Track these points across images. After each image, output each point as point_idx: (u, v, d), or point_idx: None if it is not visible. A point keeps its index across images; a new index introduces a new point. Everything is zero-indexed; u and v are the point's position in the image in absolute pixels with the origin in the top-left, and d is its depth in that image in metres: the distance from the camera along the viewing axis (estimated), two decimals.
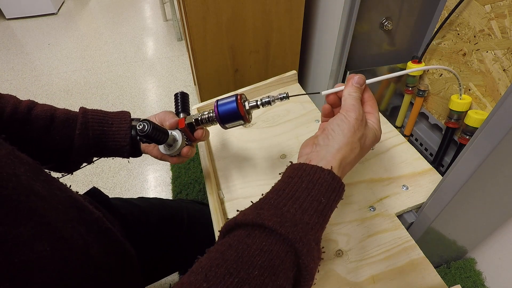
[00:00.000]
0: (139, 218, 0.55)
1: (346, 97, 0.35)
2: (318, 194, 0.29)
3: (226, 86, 1.01)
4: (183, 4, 0.80)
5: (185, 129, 0.44)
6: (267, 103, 0.40)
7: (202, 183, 1.12)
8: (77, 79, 1.79)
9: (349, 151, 0.32)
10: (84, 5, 2.73)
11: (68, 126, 0.44)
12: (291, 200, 0.28)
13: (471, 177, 0.43)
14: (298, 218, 0.27)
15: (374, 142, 0.36)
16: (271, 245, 0.25)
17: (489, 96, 0.67)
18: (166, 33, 2.24)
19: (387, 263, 0.41)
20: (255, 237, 0.26)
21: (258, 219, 0.26)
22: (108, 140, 0.46)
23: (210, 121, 0.43)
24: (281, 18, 0.90)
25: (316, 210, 0.28)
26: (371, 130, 0.35)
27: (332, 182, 0.30)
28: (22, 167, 0.28)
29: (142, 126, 0.39)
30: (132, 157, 0.49)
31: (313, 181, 0.29)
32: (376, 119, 0.36)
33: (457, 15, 0.70)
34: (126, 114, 0.49)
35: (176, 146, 0.44)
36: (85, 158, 0.47)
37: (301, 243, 0.26)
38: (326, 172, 0.30)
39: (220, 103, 0.40)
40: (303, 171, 0.30)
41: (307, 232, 0.27)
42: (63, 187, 0.33)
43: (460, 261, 0.82)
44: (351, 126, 0.33)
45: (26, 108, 0.42)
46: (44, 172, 0.31)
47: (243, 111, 0.39)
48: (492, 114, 0.37)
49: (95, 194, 0.50)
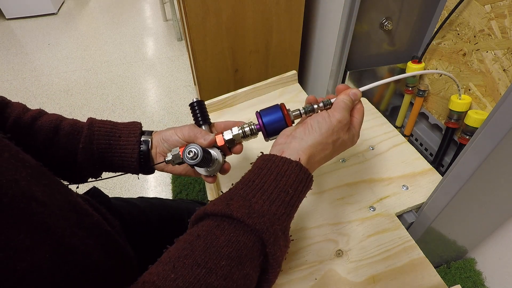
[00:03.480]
0: (139, 218, 0.55)
1: (339, 101, 0.36)
2: (285, 186, 0.30)
3: (226, 86, 1.01)
4: (183, 4, 0.80)
5: (223, 147, 0.40)
6: (310, 111, 0.38)
7: (202, 183, 1.12)
8: (77, 79, 1.79)
9: (320, 150, 0.34)
10: (84, 5, 2.73)
11: (73, 139, 0.41)
12: (259, 191, 0.29)
13: (471, 177, 0.43)
14: (265, 209, 0.28)
15: (347, 147, 0.37)
16: (239, 236, 0.26)
17: (489, 96, 0.67)
18: (166, 33, 2.24)
19: (387, 263, 0.41)
20: (223, 228, 0.27)
21: (227, 210, 0.27)
22: (114, 155, 0.42)
23: (253, 133, 0.39)
24: (281, 18, 0.90)
25: (283, 201, 0.29)
26: (350, 136, 0.36)
27: (300, 173, 0.31)
28: (23, 170, 0.27)
29: (192, 154, 0.34)
30: (142, 174, 0.45)
31: (281, 173, 0.30)
32: (358, 124, 0.37)
33: (457, 15, 0.70)
34: (136, 126, 0.44)
35: (217, 166, 0.39)
36: (90, 173, 0.43)
37: (268, 233, 0.27)
38: (294, 164, 0.31)
39: (263, 113, 0.38)
40: (272, 163, 0.31)
41: (274, 222, 0.28)
42: (63, 190, 0.32)
43: (460, 261, 0.82)
44: (330, 126, 0.34)
45: (30, 118, 0.40)
46: (46, 175, 0.31)
47: (289, 121, 0.37)
48: (492, 114, 0.37)
49: (96, 194, 0.49)
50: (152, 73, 1.84)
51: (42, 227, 0.26)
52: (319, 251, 0.43)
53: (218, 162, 0.39)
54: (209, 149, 0.39)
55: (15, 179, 0.26)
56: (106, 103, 1.60)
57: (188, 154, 0.35)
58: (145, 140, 0.43)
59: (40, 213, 0.26)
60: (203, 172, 0.40)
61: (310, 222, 0.46)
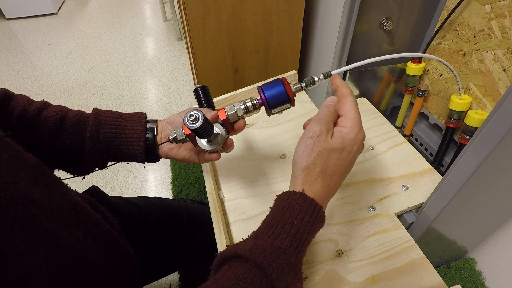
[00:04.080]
0: (138, 217, 0.55)
1: (315, 115, 0.35)
2: (290, 217, 0.29)
3: (226, 86, 1.01)
4: (183, 4, 0.80)
5: (226, 121, 0.40)
6: (311, 83, 0.38)
7: (202, 183, 1.12)
8: (77, 79, 1.79)
9: (307, 174, 0.31)
10: (84, 5, 2.72)
11: (79, 128, 0.42)
12: (267, 227, 0.30)
13: (471, 177, 0.43)
14: (268, 243, 0.28)
15: (348, 149, 0.32)
16: (246, 273, 0.27)
17: (489, 96, 0.67)
18: (166, 33, 2.23)
19: (387, 263, 0.41)
20: (234, 267, 0.27)
21: (234, 249, 0.28)
22: (120, 144, 0.43)
23: (255, 108, 0.39)
24: (281, 18, 0.90)
25: (288, 233, 0.29)
26: (336, 141, 0.32)
27: (304, 203, 0.30)
28: (22, 171, 0.27)
29: (193, 117, 0.34)
30: (148, 162, 0.46)
31: (285, 206, 0.30)
32: (351, 122, 0.32)
33: (457, 15, 0.70)
34: (142, 115, 0.45)
35: (220, 140, 0.40)
36: (97, 163, 0.44)
37: (271, 268, 0.26)
38: (298, 195, 0.30)
39: (265, 87, 0.38)
40: (278, 199, 0.32)
41: (278, 256, 0.27)
42: (62, 190, 0.32)
43: (460, 261, 0.81)
44: (306, 149, 0.32)
45: (36, 110, 0.40)
46: (46, 174, 0.31)
47: (291, 93, 0.37)
48: (492, 114, 0.37)
49: (95, 193, 0.49)
50: (152, 73, 1.84)
51: (39, 230, 0.26)
52: (319, 251, 0.43)
53: (220, 136, 0.40)
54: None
55: (13, 180, 0.26)
56: (106, 103, 1.60)
57: (189, 118, 0.34)
58: (150, 127, 0.44)
59: (36, 215, 0.26)
60: (206, 147, 0.40)
61: None
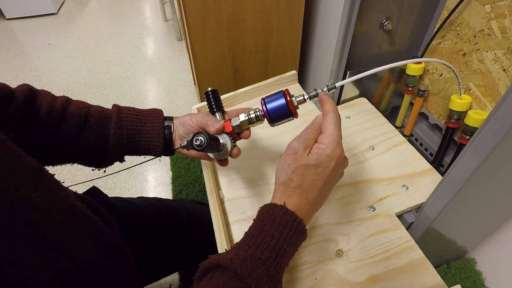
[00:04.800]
0: (138, 218, 0.55)
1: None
2: (271, 229, 0.30)
3: (226, 86, 1.01)
4: (183, 4, 0.80)
5: (232, 132, 0.43)
6: (314, 96, 0.39)
7: (202, 183, 1.12)
8: (77, 79, 1.79)
9: (284, 189, 0.33)
10: (84, 5, 2.72)
11: (102, 125, 0.44)
12: (248, 238, 0.30)
13: (471, 177, 0.43)
14: (249, 253, 0.28)
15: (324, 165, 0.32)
16: (226, 282, 0.27)
17: (489, 96, 0.67)
18: (166, 33, 2.23)
19: (387, 263, 0.41)
20: (215, 277, 0.28)
21: (216, 259, 0.28)
22: (141, 140, 0.45)
23: (258, 120, 0.41)
24: (281, 18, 0.90)
25: (268, 244, 0.29)
26: (312, 157, 0.32)
27: (285, 216, 0.30)
28: (23, 175, 0.27)
29: (199, 142, 0.37)
30: (164, 156, 0.49)
31: (266, 218, 0.31)
32: (328, 139, 0.33)
33: (457, 15, 0.70)
34: (159, 112, 0.48)
35: (226, 151, 0.42)
36: (118, 157, 0.46)
37: (250, 278, 0.27)
38: (279, 208, 0.31)
39: (267, 100, 0.39)
40: (261, 211, 0.33)
41: (258, 266, 0.28)
42: (62, 194, 0.32)
43: (460, 261, 0.81)
44: (284, 165, 0.34)
45: (61, 106, 0.42)
46: (46, 178, 0.31)
47: (293, 108, 0.38)
48: (492, 114, 0.37)
49: (95, 194, 0.49)
50: (152, 73, 1.84)
51: (38, 234, 0.26)
52: (319, 251, 0.43)
53: (226, 148, 0.42)
54: (219, 135, 0.42)
55: (14, 185, 0.25)
56: (106, 103, 1.60)
57: (195, 142, 0.38)
58: (167, 125, 0.47)
59: (37, 220, 0.26)
60: (214, 156, 0.44)
61: (310, 222, 0.46)
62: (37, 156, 0.31)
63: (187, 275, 0.87)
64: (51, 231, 0.27)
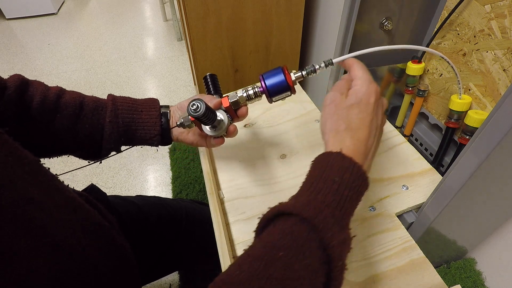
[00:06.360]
0: (137, 217, 0.55)
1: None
2: (331, 174, 0.29)
3: (226, 86, 1.01)
4: (183, 4, 0.80)
5: (229, 108, 0.43)
6: (312, 71, 0.39)
7: (202, 183, 1.12)
8: (77, 79, 1.79)
9: (335, 135, 0.32)
10: (84, 5, 2.72)
11: (97, 114, 0.43)
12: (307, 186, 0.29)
13: (471, 177, 0.43)
14: (312, 198, 0.27)
15: (364, 101, 0.33)
16: (291, 226, 0.26)
17: (489, 96, 0.67)
18: (166, 33, 2.24)
19: (387, 263, 0.41)
20: (277, 224, 0.27)
21: (276, 208, 0.27)
22: (137, 128, 0.45)
23: (256, 96, 0.41)
24: (281, 18, 0.90)
25: (330, 189, 0.28)
26: (350, 98, 0.33)
27: (343, 162, 0.29)
28: (20, 169, 0.27)
29: (195, 106, 0.37)
30: (161, 145, 0.48)
31: (323, 166, 0.30)
32: (360, 80, 0.34)
33: (457, 15, 0.70)
34: (155, 101, 0.48)
35: (223, 126, 0.42)
36: (114, 146, 0.46)
37: (317, 219, 0.25)
38: (335, 154, 0.30)
39: (266, 75, 0.40)
40: (316, 161, 0.31)
41: (322, 209, 0.26)
42: (60, 187, 0.32)
43: (460, 261, 0.82)
44: (327, 115, 0.34)
45: (55, 96, 0.41)
46: (43, 171, 0.31)
47: (291, 82, 0.39)
48: (492, 114, 0.37)
49: (93, 191, 0.49)
50: (152, 73, 1.84)
51: (38, 229, 0.26)
52: None
53: (223, 123, 0.42)
54: (216, 111, 0.42)
55: (12, 180, 0.25)
56: None
57: (191, 107, 0.37)
58: (164, 113, 0.47)
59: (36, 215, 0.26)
60: (210, 132, 0.43)
61: None
62: (33, 148, 0.31)
63: (187, 275, 0.87)
64: (50, 226, 0.27)
